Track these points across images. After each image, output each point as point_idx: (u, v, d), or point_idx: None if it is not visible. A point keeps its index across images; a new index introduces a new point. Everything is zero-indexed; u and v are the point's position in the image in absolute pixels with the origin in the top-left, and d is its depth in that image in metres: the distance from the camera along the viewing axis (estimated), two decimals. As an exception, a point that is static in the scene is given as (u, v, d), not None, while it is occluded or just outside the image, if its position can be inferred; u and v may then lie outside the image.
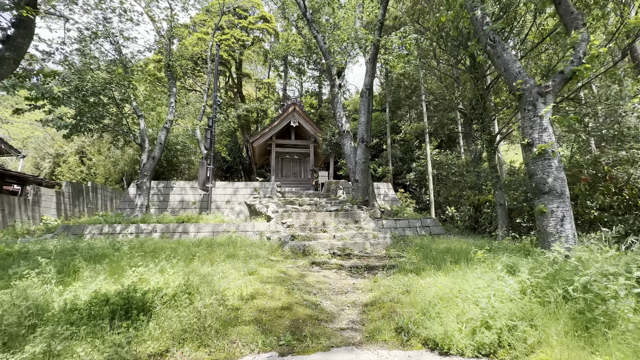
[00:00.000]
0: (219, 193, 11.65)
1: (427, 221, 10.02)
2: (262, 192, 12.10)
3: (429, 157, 17.56)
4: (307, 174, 21.19)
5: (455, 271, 3.80)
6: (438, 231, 9.73)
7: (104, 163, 16.70)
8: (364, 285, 4.17)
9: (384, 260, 5.79)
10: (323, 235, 7.51)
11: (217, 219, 9.57)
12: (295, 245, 6.56)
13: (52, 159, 19.12)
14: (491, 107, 8.97)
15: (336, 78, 12.10)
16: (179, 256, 5.11)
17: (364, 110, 10.74)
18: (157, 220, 8.97)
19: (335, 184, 13.91)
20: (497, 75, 8.42)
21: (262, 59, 32.02)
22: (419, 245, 6.78)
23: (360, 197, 10.51)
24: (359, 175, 10.60)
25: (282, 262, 5.45)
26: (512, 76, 4.76)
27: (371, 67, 10.61)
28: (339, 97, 11.92)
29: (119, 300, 2.56)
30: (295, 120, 19.39)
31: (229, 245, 6.73)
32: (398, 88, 26.60)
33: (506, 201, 8.25)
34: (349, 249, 6.62)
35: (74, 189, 12.32)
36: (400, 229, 9.60)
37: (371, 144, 10.56)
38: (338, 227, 8.36)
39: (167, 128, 10.43)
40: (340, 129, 11.51)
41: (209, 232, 8.77)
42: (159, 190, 11.29)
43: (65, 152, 18.78)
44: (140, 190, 9.74)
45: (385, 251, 6.69)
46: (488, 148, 8.42)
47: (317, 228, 8.19)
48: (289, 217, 9.18)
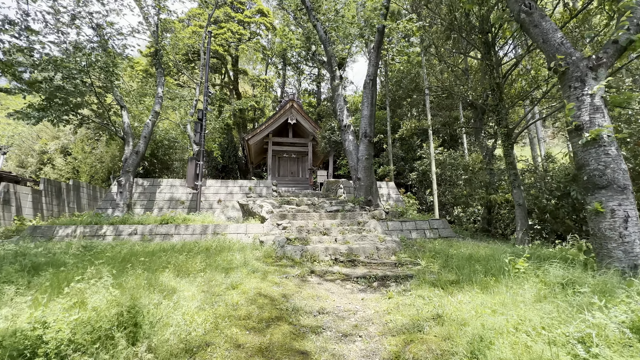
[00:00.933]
0: (210, 192, 10.77)
1: (435, 223, 9.20)
2: (257, 191, 11.24)
3: (432, 156, 16.74)
4: (305, 174, 20.35)
5: (496, 287, 2.97)
6: (447, 233, 8.92)
7: (89, 160, 15.78)
8: (377, 303, 3.32)
9: (395, 269, 4.95)
10: (323, 239, 6.66)
11: (206, 219, 8.70)
12: (292, 250, 5.71)
13: (37, 157, 18.17)
14: (508, 98, 8.19)
15: (337, 69, 11.30)
16: (153, 265, 4.25)
17: (367, 102, 9.93)
18: (139, 221, 8.09)
19: (335, 183, 13.08)
20: (515, 62, 7.64)
21: (260, 57, 31.24)
22: (434, 250, 5.95)
23: (362, 196, 9.69)
24: (361, 173, 9.78)
25: (275, 270, 4.60)
26: (552, 48, 3.96)
27: (375, 56, 9.81)
28: (339, 90, 11.11)
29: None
30: (293, 117, 18.57)
31: (216, 250, 5.87)
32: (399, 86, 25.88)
33: (525, 201, 7.46)
34: (354, 254, 5.78)
35: (53, 187, 11.39)
36: (406, 231, 8.78)
37: (374, 140, 9.74)
38: (340, 229, 7.52)
39: (152, 121, 9.56)
40: (341, 124, 10.69)
41: (196, 234, 7.90)
42: (145, 188, 10.40)
43: (49, 150, 17.83)
44: (121, 188, 8.86)
45: (395, 257, 5.86)
46: (505, 143, 7.62)
47: (316, 230, 7.34)
48: (285, 218, 8.33)
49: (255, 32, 23.25)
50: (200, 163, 9.74)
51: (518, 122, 7.75)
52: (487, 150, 9.57)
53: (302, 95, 32.34)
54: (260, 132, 18.31)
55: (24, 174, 17.81)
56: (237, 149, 26.05)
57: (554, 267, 3.16)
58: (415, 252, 6.25)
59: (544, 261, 3.68)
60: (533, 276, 3.06)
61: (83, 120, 9.30)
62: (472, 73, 11.07)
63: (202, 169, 9.76)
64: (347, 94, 32.02)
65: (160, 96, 10.00)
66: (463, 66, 10.86)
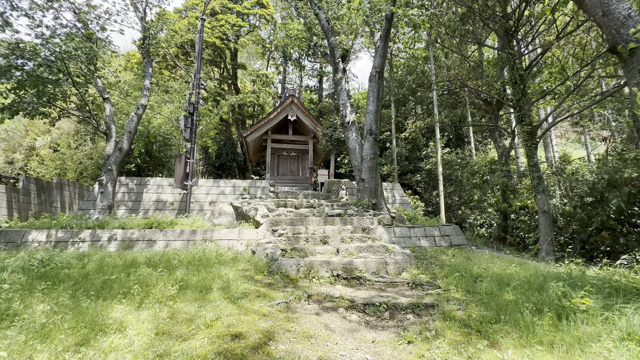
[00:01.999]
0: (202, 192, 9.98)
1: (446, 229, 8.40)
2: (253, 192, 10.44)
3: (439, 156, 15.96)
4: (305, 173, 19.55)
5: (557, 335, 2.17)
6: (460, 241, 8.12)
7: (77, 156, 15.00)
8: (393, 350, 2.52)
9: (410, 291, 4.15)
10: (323, 249, 5.86)
11: (194, 224, 7.92)
12: (286, 265, 4.91)
13: (25, 153, 17.40)
14: (532, 93, 7.35)
15: (340, 61, 10.46)
16: (114, 288, 3.47)
17: (373, 97, 9.11)
18: (120, 225, 7.31)
19: (336, 183, 12.27)
20: (542, 51, 6.80)
21: (260, 51, 30.37)
22: (451, 265, 5.15)
23: (367, 199, 8.89)
24: (365, 173, 8.97)
25: (265, 294, 3.80)
26: (615, 22, 3.13)
27: (382, 47, 8.97)
28: (342, 84, 10.28)
29: None
30: (293, 114, 17.75)
31: (199, 263, 5.08)
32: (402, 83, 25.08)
33: (551, 208, 6.65)
34: (358, 269, 4.98)
35: (33, 185, 10.62)
36: (415, 237, 7.99)
37: (381, 138, 8.92)
38: (342, 236, 6.72)
39: (138, 114, 8.75)
40: (344, 120, 9.87)
41: (183, 240, 7.12)
42: (131, 188, 9.61)
43: (37, 145, 17.06)
44: (103, 188, 8.07)
45: (407, 274, 5.06)
46: (528, 142, 6.80)
47: (315, 238, 6.55)
48: (281, 223, 7.54)
49: (255, 24, 22.39)
50: (190, 161, 8.95)
51: (544, 119, 6.91)
52: (503, 150, 8.74)
53: (304, 92, 31.50)
54: (258, 128, 17.50)
55: (11, 171, 17.06)
56: (236, 146, 25.24)
57: (633, 307, 2.35)
58: (429, 267, 5.45)
59: (607, 294, 2.87)
60: (604, 322, 2.25)
61: (62, 113, 8.51)
62: (487, 66, 10.22)
63: (192, 168, 8.96)
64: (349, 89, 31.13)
65: (147, 88, 9.19)
66: (477, 59, 10.00)
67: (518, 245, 8.27)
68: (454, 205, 17.14)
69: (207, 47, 20.78)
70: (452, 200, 17.21)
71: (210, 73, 26.23)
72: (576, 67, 6.43)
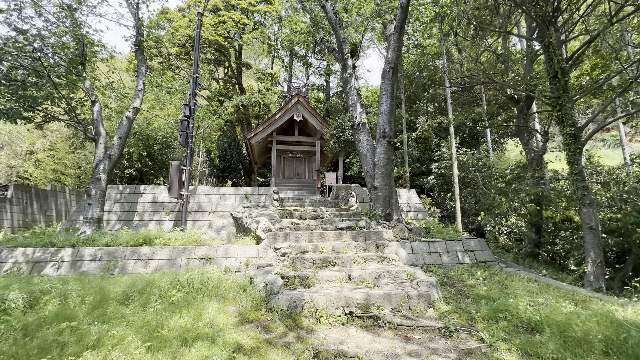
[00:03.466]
0: (200, 201, 9.24)
1: (470, 243, 7.47)
2: (256, 199, 9.66)
3: (454, 157, 14.96)
4: (312, 175, 18.73)
5: None
6: (486, 257, 7.19)
7: (73, 161, 14.47)
8: None
9: (444, 345, 3.26)
10: (332, 274, 5.01)
11: (190, 238, 7.16)
12: (288, 301, 4.08)
13: (24, 157, 17.00)
14: (578, 88, 6.35)
15: (349, 57, 9.58)
16: (58, 341, 2.69)
17: (387, 95, 8.20)
18: (106, 242, 6.60)
19: (345, 189, 11.40)
20: (590, 39, 5.80)
21: (266, 49, 29.64)
22: (489, 299, 4.25)
23: (380, 208, 8.01)
24: (378, 180, 8.08)
25: (257, 351, 2.98)
26: None
27: (397, 39, 8.05)
28: (352, 82, 9.40)
29: None
30: (299, 114, 16.93)
31: (185, 297, 4.29)
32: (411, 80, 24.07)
33: (599, 224, 5.66)
34: (376, 304, 4.13)
35: (25, 193, 10.04)
36: (435, 254, 7.09)
37: (395, 141, 8.04)
38: (353, 256, 5.87)
39: (130, 118, 8.03)
40: (353, 121, 8.99)
41: (176, 258, 6.37)
42: (124, 197, 8.93)
43: (37, 149, 16.62)
44: (90, 199, 7.38)
45: (435, 310, 4.17)
46: (571, 146, 5.82)
47: (323, 259, 5.70)
48: (285, 238, 6.72)
49: (260, 22, 21.61)
50: (186, 168, 8.20)
51: (591, 119, 5.91)
52: (534, 154, 7.74)
53: (310, 91, 30.68)
54: (263, 130, 16.74)
55: (7, 175, 16.66)
56: (241, 147, 24.58)
57: None
58: (460, 300, 4.55)
59: None
60: None
61: (47, 117, 7.86)
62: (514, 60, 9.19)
63: (189, 176, 8.22)
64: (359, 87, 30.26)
65: (140, 89, 8.47)
66: (505, 54, 8.99)
67: (552, 261, 7.28)
68: (470, 210, 16.13)
69: (210, 45, 20.12)
70: (467, 204, 16.19)
71: (215, 73, 25.61)
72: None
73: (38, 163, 15.88)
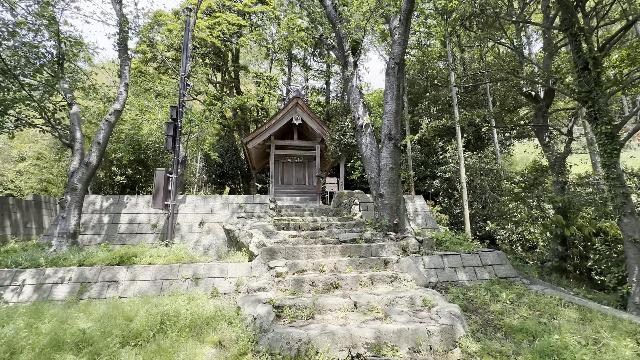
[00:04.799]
0: (189, 212, 8.49)
1: (488, 257, 6.69)
2: (250, 209, 8.90)
3: (462, 161, 14.25)
4: (312, 181, 17.98)
5: None
6: (506, 272, 6.41)
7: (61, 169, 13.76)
8: None
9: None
10: (335, 302, 4.23)
11: (175, 254, 6.40)
12: (282, 342, 3.30)
13: (12, 164, 16.31)
14: (618, 81, 5.61)
15: (349, 54, 8.89)
16: None
17: (392, 94, 7.48)
18: (79, 261, 5.84)
19: (348, 196, 10.64)
20: (628, 23, 5.07)
21: (265, 52, 29.10)
22: (522, 329, 3.47)
23: (386, 218, 7.24)
24: (384, 187, 7.33)
25: None
26: None
27: (402, 32, 7.35)
28: (354, 80, 8.69)
29: None
30: (298, 117, 16.24)
31: (161, 332, 3.53)
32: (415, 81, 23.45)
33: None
34: (389, 343, 3.35)
35: (1, 205, 9.31)
36: (450, 270, 6.31)
37: (403, 143, 7.30)
38: (359, 276, 5.09)
39: (110, 122, 7.31)
40: (356, 123, 8.26)
41: (155, 280, 5.60)
42: (106, 209, 8.18)
43: (27, 156, 15.94)
44: (64, 212, 6.63)
45: (461, 352, 3.38)
46: (607, 147, 5.06)
47: (324, 281, 4.91)
48: (280, 254, 5.96)
49: (256, 23, 21.03)
50: (174, 176, 7.46)
51: (630, 115, 5.17)
52: (556, 156, 6.99)
53: (310, 94, 30.09)
54: (260, 134, 16.03)
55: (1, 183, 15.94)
56: (239, 153, 23.85)
57: None
58: (490, 334, 3.76)
59: None
60: None
61: (19, 122, 7.15)
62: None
63: (176, 184, 7.48)
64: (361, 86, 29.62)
65: (122, 92, 7.77)
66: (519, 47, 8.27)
67: (581, 276, 6.47)
68: (477, 216, 15.36)
69: (205, 46, 19.51)
70: (474, 209, 15.43)
71: (212, 77, 25.02)
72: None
73: (21, 173, 15.18)
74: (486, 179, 15.30)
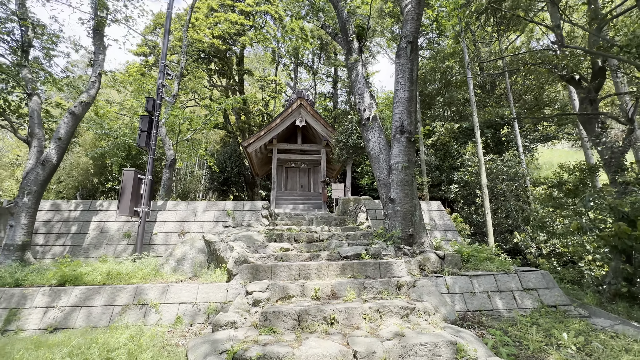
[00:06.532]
0: (169, 219, 7.36)
1: (529, 278, 5.28)
2: (239, 216, 7.71)
3: (482, 164, 12.81)
4: (317, 187, 16.75)
5: None
6: (556, 299, 4.98)
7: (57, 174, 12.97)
8: None
9: None
10: (324, 352, 2.92)
11: (140, 271, 5.24)
12: None
13: (8, 168, 15.73)
14: None
15: (354, 39, 7.75)
16: None
17: (404, 79, 6.24)
18: (15, 281, 4.73)
19: (354, 202, 9.34)
20: None
21: (270, 57, 28.47)
22: None
23: (399, 228, 5.92)
24: (396, 190, 6.02)
25: None
26: None
27: (416, 4, 6.15)
28: (359, 68, 7.51)
29: None
30: (302, 119, 15.15)
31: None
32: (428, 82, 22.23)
33: None
34: None
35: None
36: (482, 295, 4.93)
37: (417, 137, 6.03)
38: (362, 307, 3.77)
39: (75, 115, 6.32)
40: (361, 116, 7.04)
41: (107, 306, 4.43)
42: (74, 216, 7.13)
43: (21, 162, 15.33)
44: (13, 219, 5.59)
45: None
46: None
47: (314, 314, 3.62)
48: (265, 274, 4.71)
49: (260, 25, 20.28)
50: (147, 178, 6.36)
51: None
52: (612, 151, 5.56)
53: (318, 99, 29.20)
54: (262, 137, 14.98)
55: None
56: (242, 159, 22.89)
57: None
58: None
59: None
60: None
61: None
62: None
63: (149, 188, 6.37)
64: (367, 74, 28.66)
65: (94, 81, 6.81)
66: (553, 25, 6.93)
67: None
68: (501, 225, 13.78)
69: (209, 48, 18.81)
70: (497, 218, 13.87)
71: (217, 82, 24.38)
72: None
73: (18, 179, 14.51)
74: (510, 184, 13.75)
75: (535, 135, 18.89)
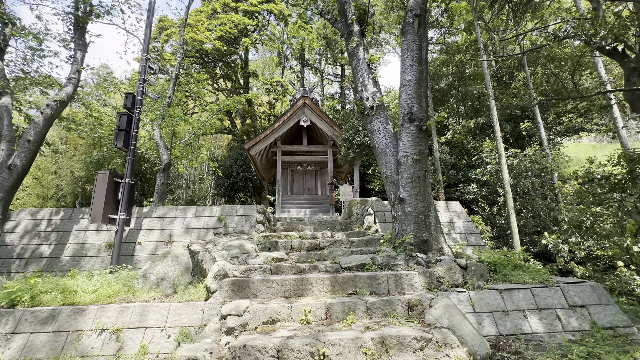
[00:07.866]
0: (155, 227, 6.68)
1: (575, 292, 4.28)
2: (230, 223, 6.95)
3: (503, 160, 11.72)
4: (325, 190, 15.90)
5: None
6: (611, 319, 3.96)
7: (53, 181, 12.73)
8: None
9: None
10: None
11: (110, 288, 4.54)
12: None
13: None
14: None
15: (354, 22, 6.94)
16: None
17: (411, 59, 5.37)
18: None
19: (360, 204, 8.45)
20: None
21: (276, 60, 28.07)
22: None
23: (410, 233, 5.00)
24: (406, 188, 5.12)
25: None
26: None
27: (422, -29, 5.30)
28: (360, 52, 6.68)
29: None
30: (307, 119, 14.41)
31: None
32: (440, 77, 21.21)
33: None
34: None
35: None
36: (516, 315, 3.96)
37: (429, 125, 5.12)
38: (364, 337, 2.90)
39: (46, 115, 5.77)
40: (364, 105, 6.18)
41: (60, 332, 3.73)
42: (54, 226, 6.56)
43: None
44: (-25, 231, 5.03)
45: None
46: None
47: (301, 349, 2.77)
48: (249, 291, 3.91)
49: (263, 24, 19.79)
50: (125, 181, 5.70)
51: None
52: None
53: (326, 100, 28.52)
54: (264, 138, 14.31)
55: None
56: (249, 163, 22.36)
57: None
58: None
59: None
60: None
61: None
62: None
63: (128, 192, 5.70)
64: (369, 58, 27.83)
65: (72, 77, 6.26)
66: None
67: None
68: (527, 227, 12.58)
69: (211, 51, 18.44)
70: (522, 219, 12.67)
71: (223, 86, 24.06)
72: None
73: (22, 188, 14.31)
74: (536, 181, 12.52)
75: (560, 129, 17.51)
